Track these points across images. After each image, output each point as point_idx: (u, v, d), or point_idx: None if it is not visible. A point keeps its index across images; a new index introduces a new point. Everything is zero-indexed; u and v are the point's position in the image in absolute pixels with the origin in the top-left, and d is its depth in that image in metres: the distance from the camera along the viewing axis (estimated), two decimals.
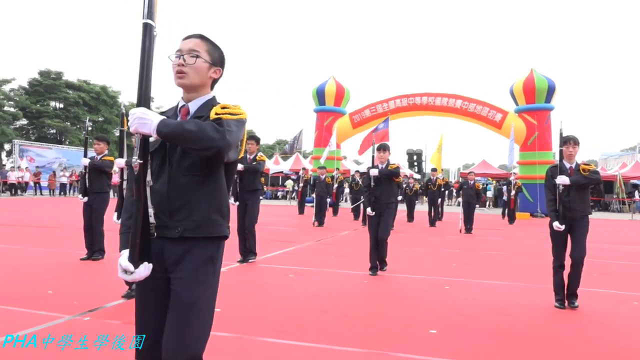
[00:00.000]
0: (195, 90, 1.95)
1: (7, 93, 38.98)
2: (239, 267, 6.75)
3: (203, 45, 1.95)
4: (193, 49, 1.92)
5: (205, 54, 1.94)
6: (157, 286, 1.86)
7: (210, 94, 2.00)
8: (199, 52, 1.92)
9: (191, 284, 1.82)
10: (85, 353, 3.18)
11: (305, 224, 14.25)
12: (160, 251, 1.84)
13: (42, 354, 3.17)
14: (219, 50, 2.01)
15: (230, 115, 1.83)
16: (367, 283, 6.00)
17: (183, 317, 1.80)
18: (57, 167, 32.63)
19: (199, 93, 1.96)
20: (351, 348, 3.52)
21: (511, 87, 22.96)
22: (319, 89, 25.91)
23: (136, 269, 1.74)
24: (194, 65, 1.90)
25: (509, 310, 4.78)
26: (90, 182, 6.85)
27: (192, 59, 1.90)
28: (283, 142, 64.33)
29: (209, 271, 1.88)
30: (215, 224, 1.89)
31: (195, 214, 1.84)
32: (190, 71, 1.90)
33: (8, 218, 13.14)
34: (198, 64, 1.91)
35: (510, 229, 15.12)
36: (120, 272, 1.77)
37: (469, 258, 8.41)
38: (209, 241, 1.88)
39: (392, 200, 6.69)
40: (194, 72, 1.91)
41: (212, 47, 1.98)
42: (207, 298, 1.87)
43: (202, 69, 1.93)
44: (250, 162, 7.12)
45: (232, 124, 1.80)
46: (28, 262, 6.47)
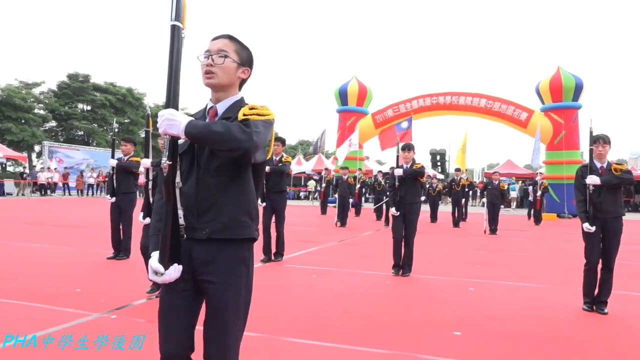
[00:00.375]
0: (224, 90, 1.95)
1: (37, 96, 39.99)
2: (263, 266, 6.79)
3: (231, 45, 1.94)
4: (222, 49, 1.91)
5: (233, 54, 1.93)
6: (184, 287, 1.85)
7: (238, 95, 1.99)
8: (227, 52, 1.92)
9: (225, 288, 1.83)
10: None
11: (327, 225, 14.25)
12: (189, 252, 1.83)
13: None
14: (247, 50, 2.00)
15: (258, 116, 1.82)
16: (389, 284, 5.96)
17: (222, 322, 1.82)
18: (85, 168, 33.34)
19: (227, 93, 1.95)
20: (374, 349, 3.50)
21: (537, 86, 22.54)
22: (341, 89, 25.88)
23: (166, 270, 1.75)
24: (223, 65, 1.90)
25: (536, 312, 4.69)
26: (117, 182, 6.98)
27: (221, 59, 1.90)
28: (305, 142, 64.50)
29: (242, 273, 1.88)
30: (244, 225, 1.87)
31: (223, 215, 1.83)
32: (219, 71, 1.90)
33: (38, 218, 13.49)
34: (226, 64, 1.91)
35: (537, 230, 14.84)
36: (151, 273, 1.78)
37: (493, 259, 8.29)
38: (239, 243, 1.87)
39: (417, 200, 6.63)
40: (223, 72, 1.91)
41: (241, 48, 1.97)
42: (242, 301, 1.87)
43: (231, 69, 1.92)
44: (276, 164, 7.19)
45: (259, 125, 1.79)
46: (57, 261, 6.63)
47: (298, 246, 8.76)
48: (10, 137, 35.26)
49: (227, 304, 1.82)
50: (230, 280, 1.84)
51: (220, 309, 1.82)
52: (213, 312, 1.83)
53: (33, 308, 4.25)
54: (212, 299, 1.84)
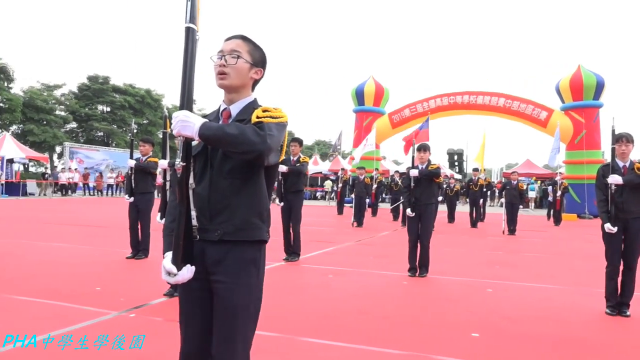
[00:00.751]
0: (236, 91, 1.95)
1: (58, 98, 40.71)
2: (279, 266, 6.81)
3: (244, 45, 1.94)
4: (234, 49, 1.91)
5: (246, 54, 1.93)
6: (198, 287, 1.86)
7: (251, 97, 1.99)
8: (240, 52, 1.92)
9: (235, 288, 1.83)
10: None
11: (344, 225, 14.24)
12: (202, 253, 1.84)
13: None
14: (260, 51, 2.00)
15: (272, 119, 1.82)
16: (406, 284, 5.93)
17: (231, 322, 1.82)
18: (105, 168, 33.84)
19: (240, 94, 1.95)
20: (391, 350, 3.48)
21: (557, 84, 22.20)
22: (358, 89, 25.83)
23: (179, 271, 1.76)
24: (235, 65, 1.90)
25: (556, 314, 4.62)
26: (135, 182, 7.07)
27: (234, 59, 1.90)
28: (322, 142, 64.51)
29: (252, 274, 1.87)
30: (255, 227, 1.88)
31: (235, 217, 1.83)
32: (232, 71, 1.90)
33: (59, 217, 13.73)
34: (239, 65, 1.91)
35: (556, 231, 14.63)
36: (164, 274, 1.78)
37: (512, 260, 8.19)
38: (249, 244, 1.87)
39: (433, 201, 6.58)
40: (235, 72, 1.91)
41: (254, 48, 1.97)
42: (252, 301, 1.87)
43: (243, 70, 1.92)
44: (294, 164, 7.25)
45: (273, 128, 1.79)
46: (78, 260, 6.73)
47: (314, 246, 8.77)
48: (32, 138, 35.95)
49: (236, 305, 1.82)
50: (239, 280, 1.84)
51: (228, 308, 1.82)
52: (221, 312, 1.84)
53: (55, 306, 4.33)
54: (221, 299, 1.84)
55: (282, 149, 1.95)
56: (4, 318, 3.96)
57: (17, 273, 5.76)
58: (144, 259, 6.98)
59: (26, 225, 11.12)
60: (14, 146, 25.37)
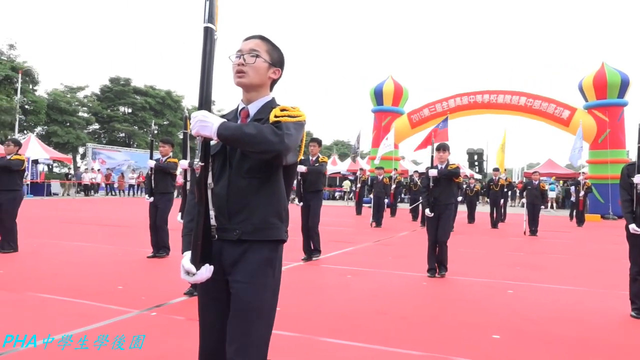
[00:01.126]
0: (255, 90, 1.95)
1: (81, 100, 41.50)
2: (298, 266, 6.83)
3: (263, 45, 1.95)
4: (253, 48, 1.93)
5: (265, 54, 1.94)
6: (216, 287, 1.87)
7: (269, 96, 2.00)
8: (259, 51, 1.93)
9: (251, 288, 1.83)
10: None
11: (362, 225, 14.20)
12: (219, 253, 1.85)
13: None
14: (278, 51, 2.01)
15: (290, 118, 1.83)
16: (425, 285, 5.89)
17: (244, 322, 1.81)
18: (126, 168, 34.35)
19: (258, 93, 1.96)
20: (410, 351, 3.46)
21: (580, 82, 21.81)
22: (376, 88, 25.75)
23: (198, 270, 1.76)
24: (254, 64, 1.91)
25: (579, 316, 4.54)
26: (155, 183, 7.16)
27: (252, 58, 1.91)
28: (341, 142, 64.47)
29: (268, 274, 1.87)
30: (274, 227, 1.88)
31: (254, 217, 1.84)
32: (250, 70, 1.91)
33: (82, 217, 13.98)
34: (258, 64, 1.92)
35: (579, 232, 14.37)
36: (183, 273, 1.79)
37: (534, 261, 8.07)
38: (267, 244, 1.87)
39: (452, 201, 6.52)
40: (254, 71, 1.91)
41: (272, 48, 1.98)
42: (267, 301, 1.87)
43: (262, 69, 1.93)
44: (313, 164, 7.28)
45: (291, 127, 1.79)
46: (100, 259, 6.85)
47: (333, 246, 8.77)
48: (56, 139, 36.71)
49: (251, 304, 1.82)
50: (255, 280, 1.83)
51: (243, 308, 1.82)
52: (236, 312, 1.83)
53: (78, 304, 4.41)
54: (235, 298, 1.84)
55: (301, 148, 1.94)
56: (30, 315, 4.05)
57: (43, 272, 5.89)
58: (164, 257, 7.06)
59: (51, 225, 11.36)
60: (38, 147, 25.94)
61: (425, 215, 6.66)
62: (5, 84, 32.51)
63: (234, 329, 1.83)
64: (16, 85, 31.17)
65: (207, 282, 1.82)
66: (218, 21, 1.83)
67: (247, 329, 1.82)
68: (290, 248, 8.18)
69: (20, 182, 7.31)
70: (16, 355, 3.14)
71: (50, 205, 19.35)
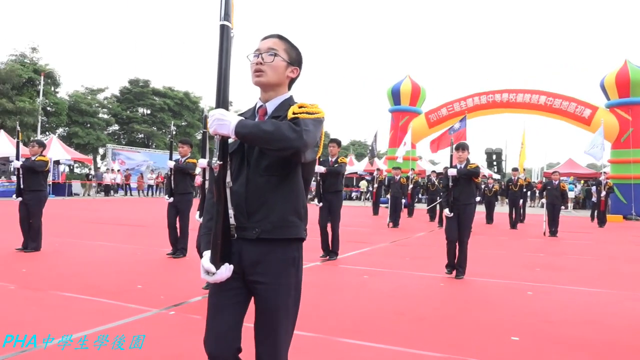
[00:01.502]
0: (273, 89, 1.94)
1: (101, 101, 42.10)
2: (315, 266, 6.84)
3: (281, 44, 1.95)
4: (271, 47, 1.92)
5: (283, 52, 1.93)
6: (234, 286, 1.85)
7: (287, 94, 1.99)
8: (277, 50, 1.92)
9: (276, 289, 1.83)
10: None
11: (379, 225, 14.16)
12: (238, 252, 1.84)
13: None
14: (296, 50, 2.00)
15: (308, 115, 1.81)
16: (443, 286, 5.85)
17: (272, 322, 1.83)
18: (145, 169, 34.76)
19: (276, 92, 1.95)
20: (427, 352, 3.44)
21: (602, 81, 21.42)
22: (394, 88, 25.65)
23: (217, 270, 1.76)
24: (272, 63, 1.90)
25: (601, 319, 4.46)
26: (175, 183, 7.24)
27: (270, 57, 1.90)
28: (357, 142, 64.32)
29: (292, 273, 1.87)
30: (292, 225, 1.86)
31: (273, 215, 1.82)
32: (268, 69, 1.90)
33: (103, 217, 14.19)
34: (276, 62, 1.91)
35: (601, 233, 14.12)
36: (203, 273, 1.78)
37: (554, 262, 7.96)
38: (287, 243, 1.86)
39: (471, 201, 6.47)
40: (272, 70, 1.90)
41: (290, 47, 1.97)
42: (292, 301, 1.88)
43: (280, 68, 1.92)
44: (332, 165, 7.29)
45: (309, 124, 1.77)
46: (120, 259, 6.95)
47: (350, 246, 8.76)
48: (77, 140, 37.30)
49: (277, 305, 1.83)
50: (280, 281, 1.83)
51: (270, 309, 1.83)
52: (263, 313, 1.84)
53: (99, 303, 4.48)
54: (261, 300, 1.84)
55: (319, 145, 1.92)
56: (52, 314, 4.13)
57: (65, 270, 6.00)
58: (182, 257, 7.13)
59: (72, 225, 11.55)
60: (60, 148, 26.44)
61: (443, 215, 6.61)
62: (28, 86, 33.15)
63: (262, 330, 1.84)
64: (38, 87, 31.77)
65: (225, 281, 1.81)
66: (234, 19, 1.82)
67: (276, 330, 1.83)
68: (308, 248, 8.16)
69: (44, 183, 7.47)
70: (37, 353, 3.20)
71: (72, 205, 19.68)
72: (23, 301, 4.51)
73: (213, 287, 1.91)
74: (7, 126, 29.32)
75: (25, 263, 6.37)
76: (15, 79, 31.04)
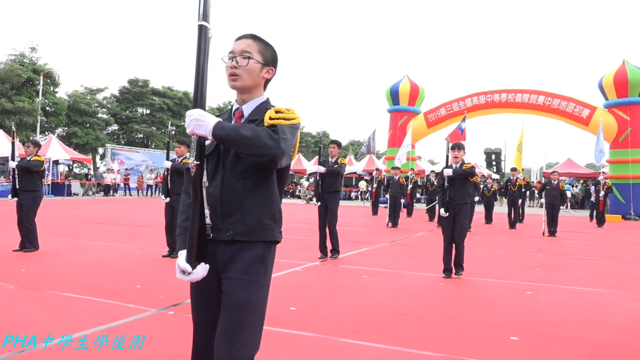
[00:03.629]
0: (248, 92, 1.95)
1: (100, 101, 42.05)
2: (314, 266, 6.84)
3: (255, 45, 1.94)
4: (245, 50, 1.91)
5: (257, 54, 1.93)
6: (209, 287, 1.88)
7: (263, 97, 1.99)
8: (250, 52, 1.91)
9: (241, 284, 1.83)
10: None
11: (378, 225, 14.16)
12: (213, 252, 1.85)
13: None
14: (271, 49, 1.99)
15: (285, 121, 1.82)
16: (442, 286, 5.85)
17: (234, 318, 1.81)
18: (145, 169, 34.75)
19: (252, 94, 1.96)
20: (427, 352, 3.45)
21: (600, 81, 21.45)
22: (392, 88, 25.65)
23: (194, 269, 1.76)
24: (247, 67, 1.90)
25: (600, 318, 4.47)
26: (172, 183, 7.23)
27: (245, 60, 1.90)
28: (356, 142, 64.30)
29: (260, 272, 1.87)
30: (267, 228, 1.88)
31: (248, 218, 1.84)
32: (243, 73, 1.90)
33: (102, 217, 14.18)
34: (250, 66, 1.90)
35: (600, 232, 14.14)
36: (179, 272, 1.79)
37: (553, 262, 7.97)
38: (260, 243, 1.88)
39: (467, 200, 6.48)
40: (247, 73, 1.91)
41: (264, 47, 1.96)
42: (258, 298, 1.86)
43: (255, 70, 1.92)
44: (332, 165, 7.32)
45: (287, 131, 1.79)
46: (119, 258, 6.95)
47: (349, 246, 8.76)
48: (76, 140, 37.26)
49: (241, 299, 1.82)
50: (246, 277, 1.84)
51: (233, 304, 1.82)
52: (226, 307, 1.83)
53: (99, 303, 4.48)
54: (226, 294, 1.84)
55: (294, 150, 1.95)
56: (51, 314, 4.12)
57: (64, 270, 5.99)
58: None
59: (71, 224, 11.53)
60: (59, 148, 26.42)
61: (440, 215, 6.63)
62: (27, 86, 33.10)
63: (224, 323, 1.83)
64: (38, 87, 31.74)
65: (202, 281, 1.82)
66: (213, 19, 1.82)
67: (237, 324, 1.81)
68: (307, 248, 8.20)
69: (40, 183, 7.44)
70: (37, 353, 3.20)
71: (72, 205, 19.66)
72: (23, 301, 4.51)
73: (192, 288, 1.94)
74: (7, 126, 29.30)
75: (24, 263, 6.36)
76: (15, 78, 30.99)
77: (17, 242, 7.32)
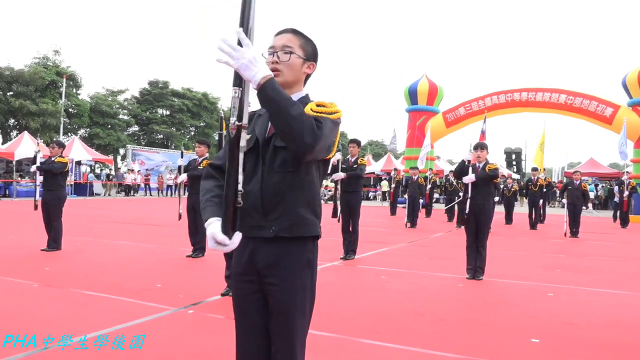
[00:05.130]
0: (289, 87, 1.85)
1: (121, 102, 42.72)
2: (333, 266, 6.84)
3: (296, 40, 1.87)
4: (286, 44, 1.85)
5: (298, 49, 1.86)
6: (251, 290, 1.83)
7: (303, 92, 1.93)
8: (292, 47, 1.85)
9: (291, 290, 1.79)
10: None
11: (397, 225, 14.10)
12: (252, 253, 1.80)
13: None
14: (312, 44, 1.93)
15: (328, 115, 1.76)
16: (462, 287, 5.80)
17: (287, 325, 1.79)
18: (165, 169, 35.16)
19: (292, 90, 1.87)
20: (446, 353, 3.42)
21: (624, 78, 21.00)
22: (411, 88, 25.49)
23: (231, 239, 1.64)
24: (288, 62, 1.84)
25: (624, 321, 4.38)
26: (191, 183, 7.30)
27: (286, 55, 1.84)
28: (375, 142, 64.15)
29: (307, 274, 1.83)
30: (310, 223, 1.82)
31: (290, 212, 1.77)
32: (285, 68, 1.83)
33: (123, 217, 14.39)
34: (292, 60, 1.84)
35: (624, 233, 13.85)
36: (212, 243, 1.66)
37: (575, 264, 7.83)
38: (302, 243, 1.82)
39: (489, 200, 6.40)
40: (288, 69, 1.84)
41: (305, 42, 1.90)
42: (308, 302, 1.85)
43: (296, 65, 1.86)
44: (352, 165, 7.35)
45: (328, 128, 1.72)
46: (141, 258, 7.04)
47: (368, 247, 8.74)
48: (98, 141, 37.93)
49: (293, 307, 1.79)
50: (295, 283, 1.80)
51: (285, 311, 1.79)
52: (278, 315, 1.80)
53: (120, 301, 4.55)
54: (276, 302, 1.80)
55: (334, 145, 1.86)
56: (74, 312, 4.20)
57: (86, 269, 6.10)
58: (200, 257, 7.18)
59: (93, 224, 11.72)
60: (81, 149, 26.92)
61: (461, 216, 6.56)
62: (50, 88, 33.80)
63: (277, 332, 1.81)
64: (61, 89, 32.35)
65: (241, 285, 1.81)
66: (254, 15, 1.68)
67: (292, 331, 1.80)
68: (327, 248, 8.18)
69: (63, 183, 7.60)
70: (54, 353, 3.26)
71: (94, 204, 19.98)
72: (46, 299, 4.60)
73: (234, 292, 1.91)
74: (31, 127, 29.97)
75: (48, 262, 6.49)
76: (39, 81, 31.71)
77: (41, 241, 7.47)
